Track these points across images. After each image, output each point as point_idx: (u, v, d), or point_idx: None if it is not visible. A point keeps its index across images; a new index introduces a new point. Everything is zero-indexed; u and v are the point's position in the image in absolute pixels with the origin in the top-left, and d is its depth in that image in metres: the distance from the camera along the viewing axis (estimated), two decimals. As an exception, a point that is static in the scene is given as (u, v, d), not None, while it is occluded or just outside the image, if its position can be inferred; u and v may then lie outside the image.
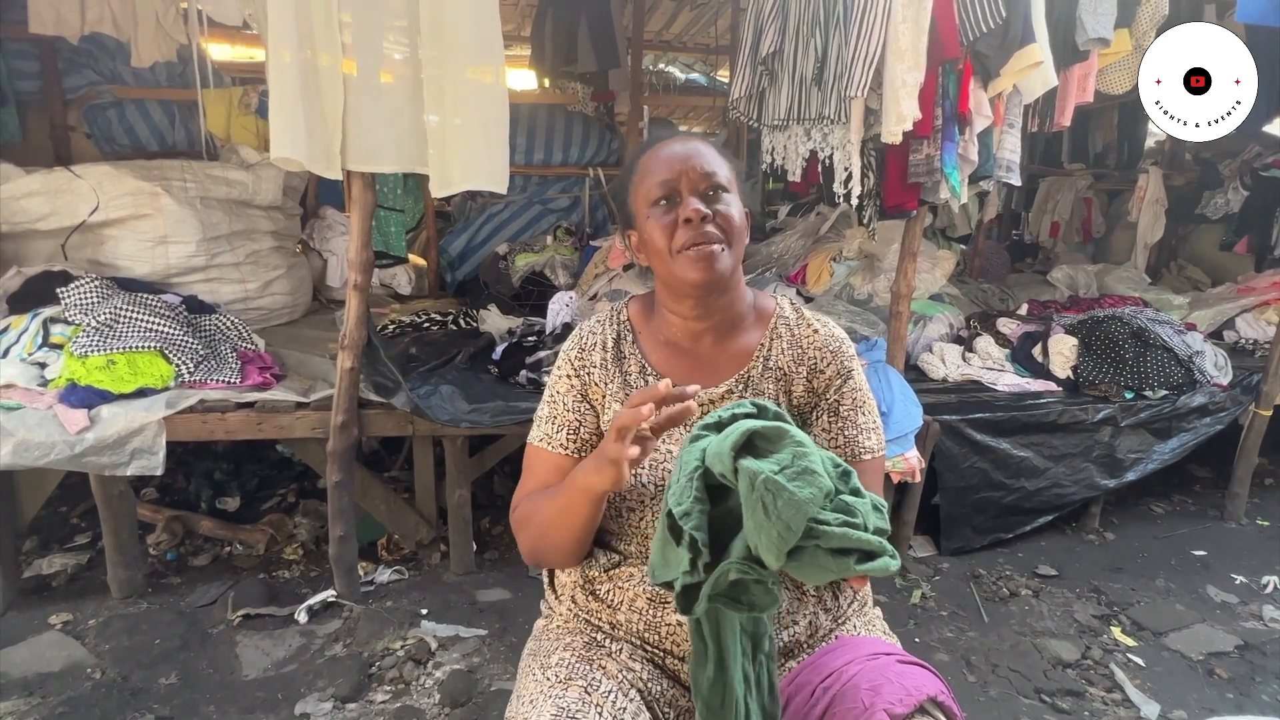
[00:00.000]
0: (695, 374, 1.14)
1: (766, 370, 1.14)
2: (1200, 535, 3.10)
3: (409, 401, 2.31)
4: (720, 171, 1.09)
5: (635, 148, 5.18)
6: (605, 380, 1.16)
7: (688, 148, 1.10)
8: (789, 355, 1.15)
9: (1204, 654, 2.29)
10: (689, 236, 1.05)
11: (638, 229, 1.13)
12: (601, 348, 1.17)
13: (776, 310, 1.19)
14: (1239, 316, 3.93)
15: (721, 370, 1.15)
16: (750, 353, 1.15)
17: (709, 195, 1.07)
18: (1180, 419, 3.04)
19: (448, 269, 4.35)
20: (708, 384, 1.13)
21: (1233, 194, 5.03)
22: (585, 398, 1.16)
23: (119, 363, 2.28)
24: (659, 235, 1.07)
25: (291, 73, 1.93)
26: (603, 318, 1.21)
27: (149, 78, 3.74)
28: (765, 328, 1.17)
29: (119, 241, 2.85)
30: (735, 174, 1.14)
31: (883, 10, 2.07)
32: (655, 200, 1.08)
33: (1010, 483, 2.85)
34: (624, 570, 1.10)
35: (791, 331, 1.17)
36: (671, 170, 1.08)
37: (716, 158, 1.11)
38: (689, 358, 1.16)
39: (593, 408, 1.16)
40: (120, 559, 2.35)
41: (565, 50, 4.01)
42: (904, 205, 2.38)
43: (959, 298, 4.04)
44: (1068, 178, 5.76)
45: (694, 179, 1.07)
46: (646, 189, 1.10)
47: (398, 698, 1.98)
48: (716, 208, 1.07)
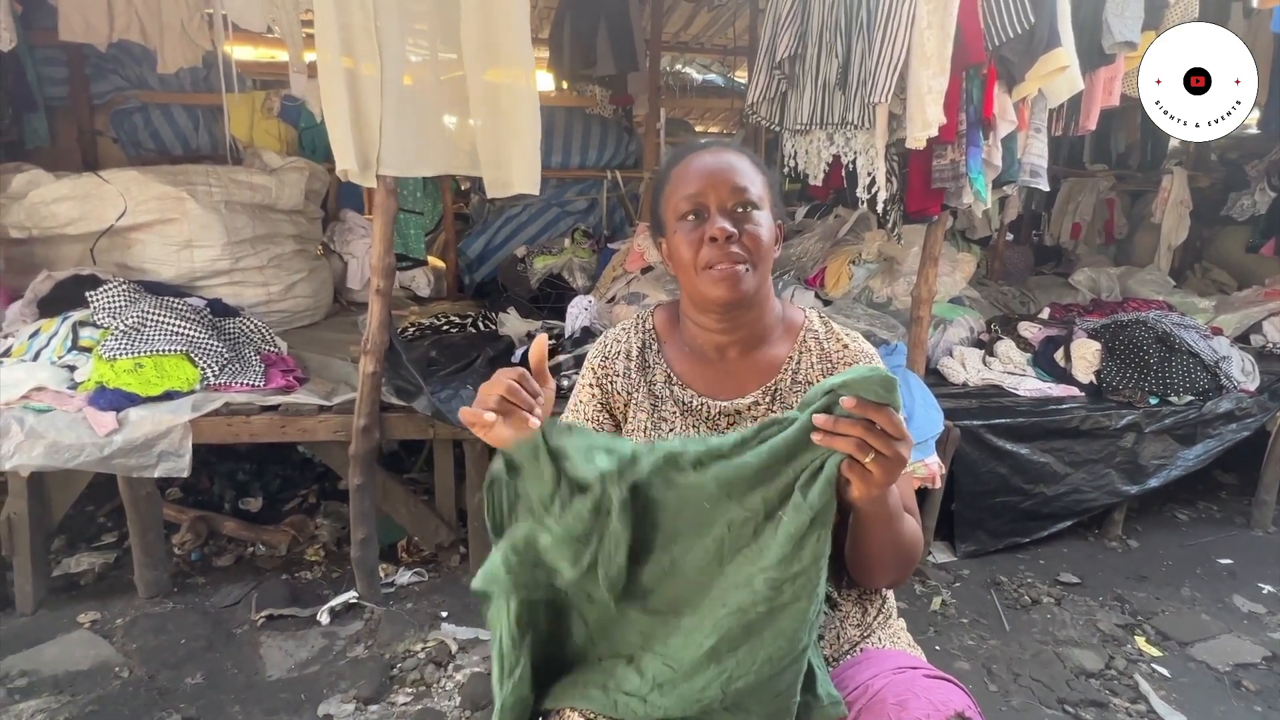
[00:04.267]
0: (721, 385, 1.14)
1: (795, 383, 1.14)
2: (1226, 543, 3.06)
3: (430, 405, 2.33)
4: (752, 188, 1.07)
5: (665, 152, 5.17)
6: (629, 389, 1.15)
7: (720, 161, 1.08)
8: (819, 369, 1.14)
9: (1231, 665, 2.25)
10: (713, 255, 1.04)
11: (667, 238, 1.13)
12: (625, 356, 1.17)
13: (805, 323, 1.18)
14: (1266, 320, 3.85)
15: (747, 382, 1.14)
16: (778, 365, 1.15)
17: (737, 213, 1.06)
18: (1206, 425, 2.99)
19: (466, 271, 4.38)
20: (733, 395, 1.12)
21: (1260, 195, 4.95)
22: (606, 407, 1.16)
23: (146, 366, 2.32)
24: (685, 250, 1.07)
25: (340, 82, 1.97)
26: (628, 325, 1.21)
27: (174, 82, 3.79)
28: (793, 340, 1.16)
29: (146, 245, 2.90)
30: (769, 188, 1.12)
31: (907, 16, 2.05)
32: (683, 214, 1.07)
33: (1029, 488, 2.83)
34: None
35: (821, 345, 1.16)
36: (701, 184, 1.06)
37: (750, 171, 1.08)
38: (714, 368, 1.16)
39: (613, 417, 1.17)
40: (146, 559, 2.39)
41: (584, 53, 4.02)
42: (926, 210, 2.36)
43: (979, 301, 4.01)
44: (1090, 179, 5.69)
45: (723, 195, 1.06)
46: (675, 201, 1.08)
47: (419, 700, 1.99)
48: (744, 226, 1.05)
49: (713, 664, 0.88)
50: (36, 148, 3.55)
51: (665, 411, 1.14)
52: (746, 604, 0.86)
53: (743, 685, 0.88)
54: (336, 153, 2.06)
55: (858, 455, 0.81)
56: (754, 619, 0.86)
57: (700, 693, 0.89)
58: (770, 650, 0.88)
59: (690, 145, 1.15)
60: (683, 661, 0.90)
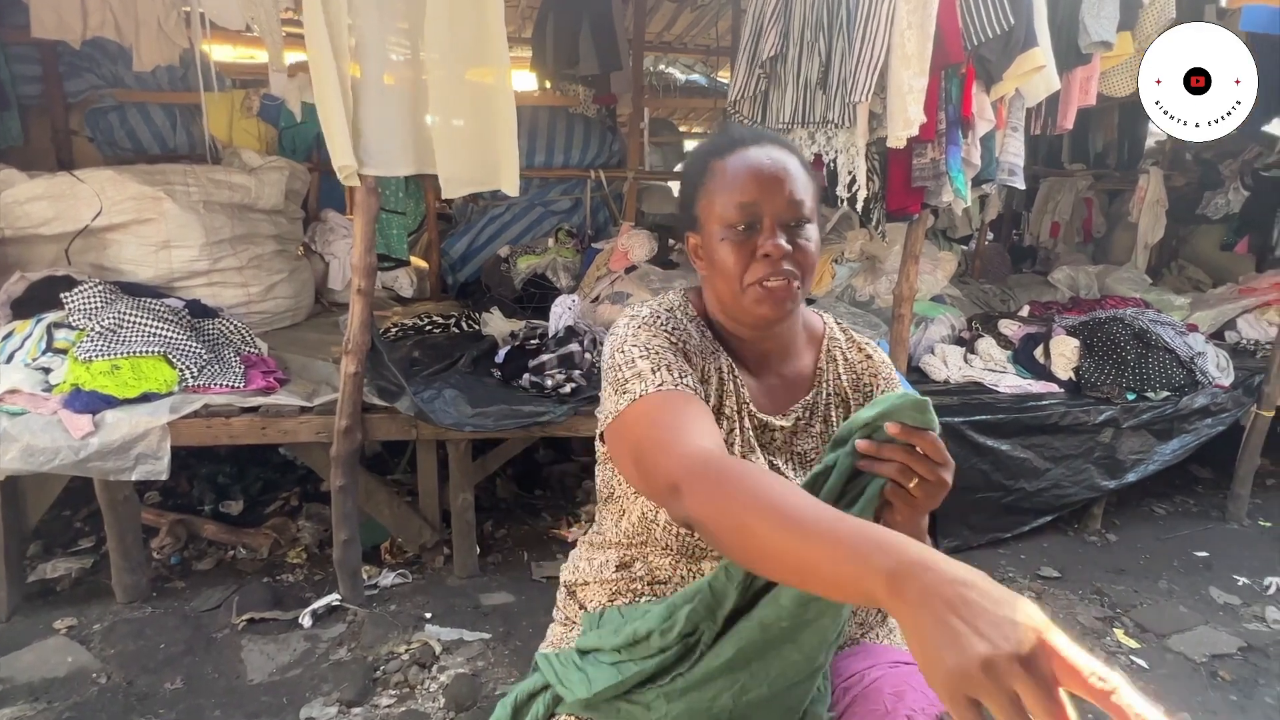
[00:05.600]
0: (763, 398, 1.07)
1: (828, 396, 1.10)
2: (1202, 536, 3.11)
3: (413, 406, 2.31)
4: (807, 200, 0.98)
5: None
6: (704, 362, 1.02)
7: (776, 164, 0.97)
8: (845, 380, 1.11)
9: (1207, 656, 2.29)
10: (765, 272, 0.95)
11: (702, 238, 1.02)
12: (686, 332, 1.03)
13: (826, 330, 1.13)
14: (1240, 317, 3.93)
15: (783, 397, 1.09)
16: (809, 377, 1.10)
17: (791, 226, 0.97)
18: (1182, 420, 3.04)
19: (449, 271, 4.36)
20: (771, 411, 1.07)
21: (1233, 194, 5.04)
22: (687, 358, 1.00)
23: (123, 368, 2.28)
24: (731, 261, 0.97)
25: (332, 82, 1.96)
26: (669, 306, 1.07)
27: (151, 81, 3.74)
28: (818, 348, 1.12)
29: (122, 246, 2.86)
30: (817, 195, 1.04)
31: (886, 16, 2.07)
32: (732, 223, 0.97)
33: (1009, 484, 2.86)
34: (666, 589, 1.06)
35: (845, 355, 1.12)
36: (757, 193, 0.96)
37: (804, 180, 0.99)
38: (752, 378, 1.08)
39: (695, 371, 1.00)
40: (125, 563, 2.35)
41: (567, 53, 4.00)
42: (907, 208, 2.38)
43: (960, 299, 4.04)
44: (1068, 178, 5.76)
45: (779, 207, 0.96)
46: (723, 206, 0.98)
47: (402, 701, 1.98)
48: (798, 241, 0.97)
49: (727, 674, 0.87)
50: (10, 147, 3.49)
51: (728, 407, 1.04)
52: (770, 619, 0.83)
53: (754, 698, 0.88)
54: (332, 151, 2.04)
55: (901, 480, 0.80)
56: (776, 634, 0.85)
57: (711, 702, 0.88)
58: (786, 665, 0.87)
59: (734, 134, 1.03)
60: (696, 671, 0.88)
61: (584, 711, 0.96)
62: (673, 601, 0.90)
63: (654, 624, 0.90)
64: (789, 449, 1.08)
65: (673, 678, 0.89)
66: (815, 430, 1.09)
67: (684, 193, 1.07)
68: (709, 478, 0.76)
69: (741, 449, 1.04)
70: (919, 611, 0.54)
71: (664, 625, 0.89)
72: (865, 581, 0.59)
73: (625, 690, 0.91)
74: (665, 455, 0.83)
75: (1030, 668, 0.49)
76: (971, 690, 0.50)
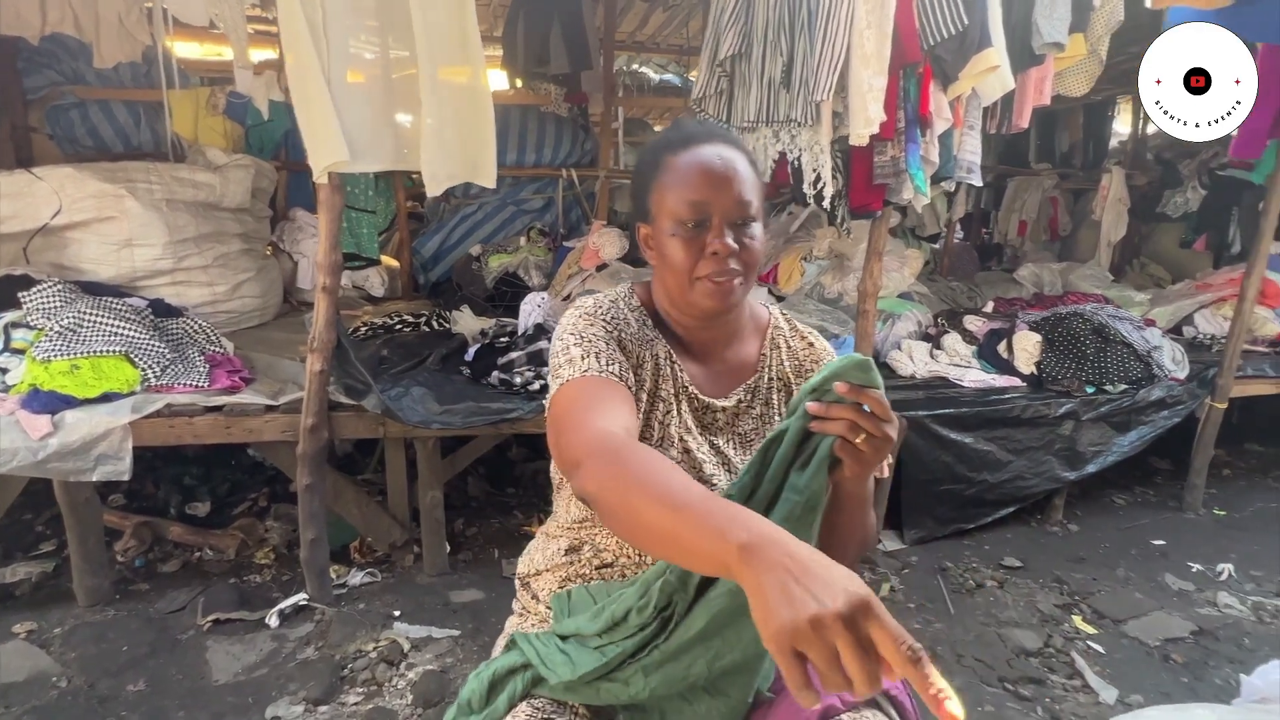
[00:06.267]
0: (707, 382, 1.12)
1: (770, 380, 1.15)
2: (1159, 525, 3.19)
3: (379, 403, 2.31)
4: (754, 200, 1.02)
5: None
6: (640, 349, 1.07)
7: (726, 164, 1.01)
8: (788, 366, 1.16)
9: (1160, 640, 2.36)
10: (712, 269, 1.00)
11: (653, 230, 1.06)
12: (625, 322, 1.08)
13: (771, 320, 1.18)
14: (1197, 313, 4.03)
15: (727, 380, 1.13)
16: (753, 363, 1.15)
17: (738, 225, 1.01)
18: (1139, 412, 3.12)
19: (421, 270, 4.34)
20: (715, 394, 1.11)
21: (1191, 193, 5.17)
22: (623, 349, 1.05)
23: (83, 367, 2.25)
24: (680, 256, 1.01)
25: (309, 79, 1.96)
26: (613, 297, 1.12)
27: (113, 78, 3.68)
28: (762, 337, 1.17)
29: (83, 245, 2.81)
30: (763, 194, 1.08)
31: (845, 16, 2.10)
32: (683, 220, 1.01)
33: (973, 476, 2.92)
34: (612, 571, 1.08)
35: (788, 343, 1.17)
36: (706, 191, 1.00)
37: (752, 179, 1.03)
38: (698, 363, 1.13)
39: (628, 359, 1.05)
40: (86, 566, 2.32)
41: (537, 51, 4.01)
42: (869, 206, 2.42)
43: (928, 296, 4.11)
44: (1035, 177, 5.87)
45: (727, 206, 1.00)
46: (674, 202, 1.01)
47: (370, 699, 1.98)
48: (744, 240, 1.01)
49: (701, 643, 0.89)
50: (-34, 145, 3.42)
51: (664, 391, 1.09)
52: (738, 586, 0.86)
53: (727, 663, 0.90)
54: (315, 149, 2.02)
55: (849, 436, 0.85)
56: (744, 600, 0.87)
57: (686, 670, 0.91)
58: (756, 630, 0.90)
59: (687, 130, 1.07)
60: (671, 643, 0.90)
61: (565, 693, 0.98)
62: (646, 578, 0.92)
63: (631, 602, 0.92)
64: (731, 429, 1.13)
65: (650, 651, 0.91)
66: (756, 412, 1.14)
67: (637, 184, 1.10)
68: (605, 456, 0.82)
69: (679, 430, 1.08)
70: (764, 577, 0.60)
71: (640, 603, 0.91)
72: (721, 553, 0.65)
73: (608, 671, 0.93)
74: (575, 434, 0.90)
75: (852, 627, 0.56)
76: (799, 644, 0.57)
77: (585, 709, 1.01)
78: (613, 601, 0.96)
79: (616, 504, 0.78)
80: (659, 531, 0.72)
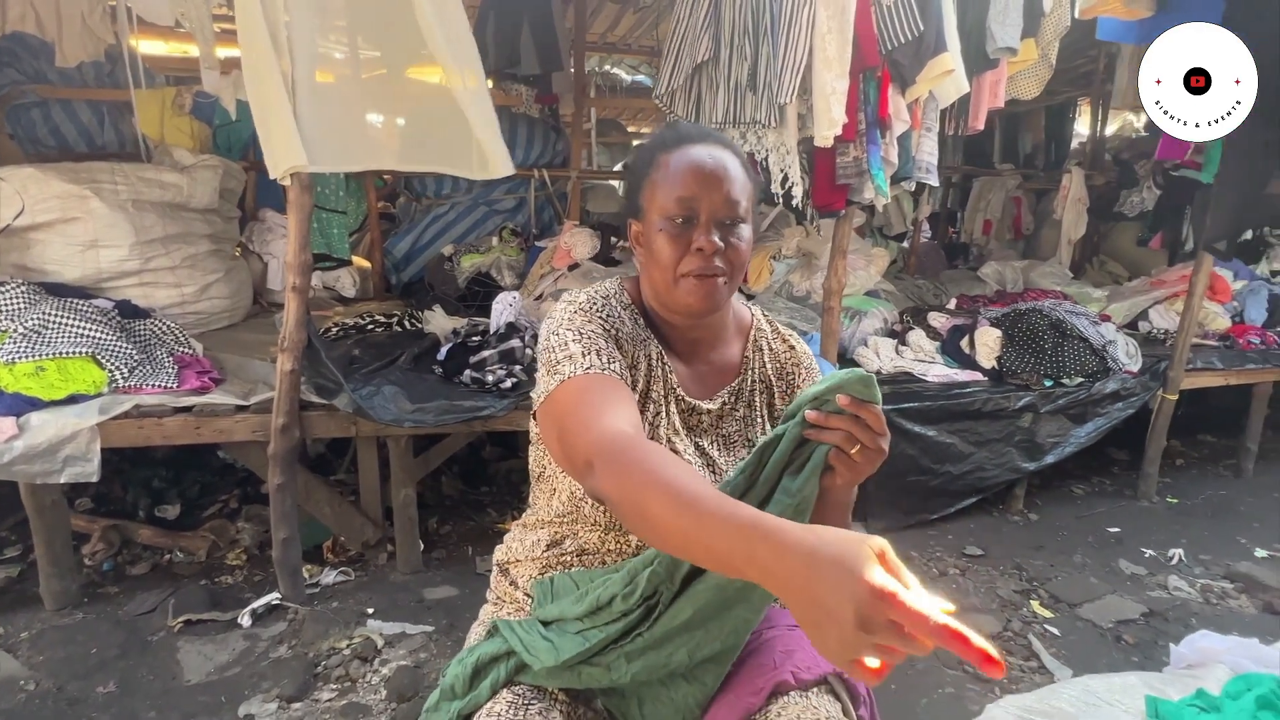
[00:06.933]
0: (692, 383, 1.14)
1: (753, 383, 1.17)
2: (1115, 513, 3.31)
3: (351, 402, 2.32)
4: (743, 200, 1.04)
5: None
6: (634, 349, 1.08)
7: (717, 163, 1.03)
8: (770, 368, 1.18)
9: (1113, 622, 2.45)
10: (697, 266, 1.02)
11: (644, 225, 1.08)
12: (618, 318, 1.09)
13: (754, 322, 1.20)
14: (1152, 308, 4.17)
15: (712, 382, 1.15)
16: (736, 364, 1.17)
17: (726, 224, 1.03)
18: (1095, 404, 3.23)
19: (393, 271, 4.33)
20: (700, 395, 1.13)
21: (1147, 193, 5.33)
22: (619, 347, 1.06)
23: (49, 369, 2.24)
24: (667, 251, 1.03)
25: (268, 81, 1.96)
26: (606, 293, 1.12)
27: (75, 77, 3.63)
28: (745, 339, 1.18)
29: (46, 246, 2.78)
30: (754, 197, 1.09)
31: (807, 21, 2.16)
32: (671, 215, 1.03)
33: (937, 467, 3.00)
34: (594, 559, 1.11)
35: (770, 345, 1.20)
36: (696, 189, 1.02)
37: (742, 181, 1.05)
38: (682, 364, 1.14)
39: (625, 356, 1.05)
40: (53, 570, 2.30)
41: (508, 52, 4.02)
42: (833, 205, 2.49)
43: (895, 294, 4.20)
44: (998, 178, 6.01)
45: (716, 204, 1.02)
46: (664, 198, 1.03)
47: (344, 695, 1.99)
48: (731, 239, 1.03)
49: (684, 633, 0.93)
50: (-76, 145, 3.36)
51: (655, 392, 1.10)
52: (726, 580, 0.88)
53: (707, 653, 0.94)
54: (271, 152, 2.03)
55: (845, 446, 0.88)
56: (731, 594, 0.90)
57: (668, 659, 0.94)
58: (738, 622, 0.94)
59: (682, 131, 1.09)
60: (655, 631, 0.93)
61: (547, 678, 1.00)
62: (633, 566, 0.95)
63: (616, 589, 0.95)
64: (715, 431, 1.15)
65: (633, 638, 0.94)
66: (739, 414, 1.16)
67: (630, 182, 1.13)
68: (619, 457, 0.82)
69: (668, 431, 1.10)
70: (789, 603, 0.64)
71: (626, 590, 0.94)
72: (742, 567, 0.67)
73: (590, 655, 0.96)
74: (585, 433, 0.89)
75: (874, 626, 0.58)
76: (849, 660, 0.61)
77: (564, 694, 1.03)
78: (597, 586, 0.99)
79: (633, 505, 0.79)
80: (680, 535, 0.74)
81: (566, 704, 1.02)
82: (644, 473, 0.79)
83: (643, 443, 0.85)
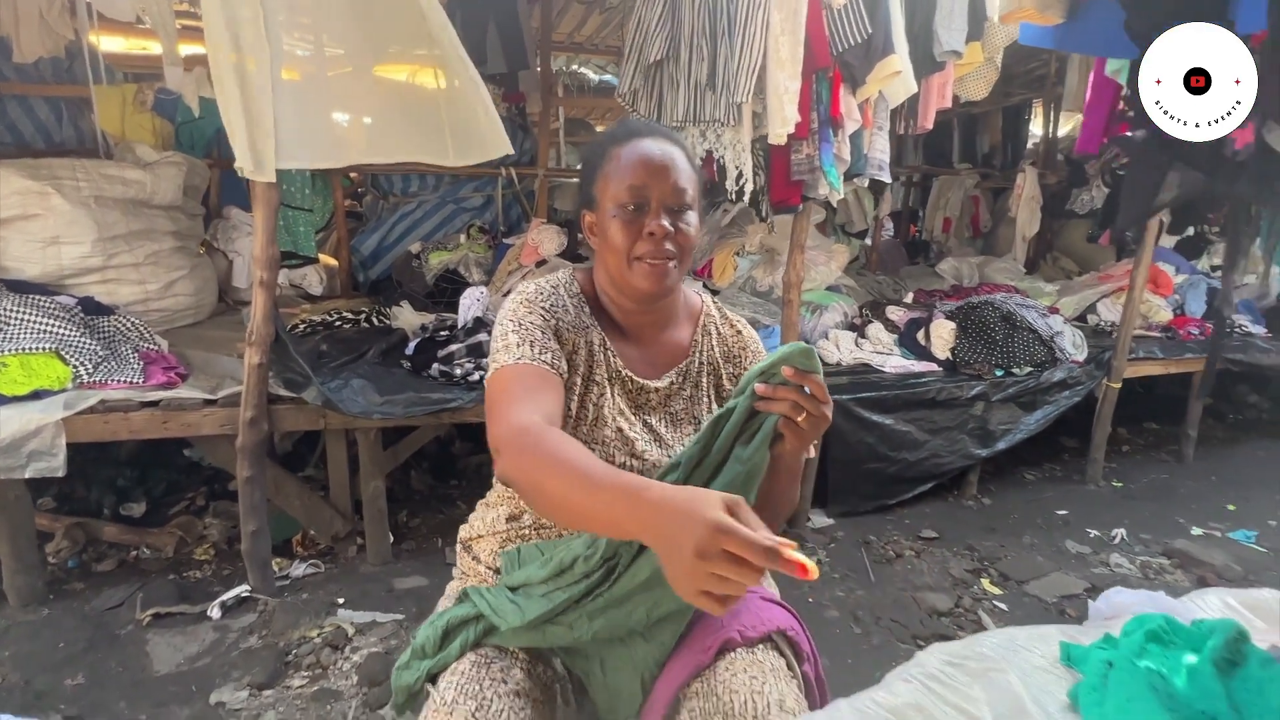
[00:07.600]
0: (639, 363, 1.20)
1: (701, 365, 1.24)
2: (1064, 497, 3.46)
3: (319, 395, 2.35)
4: (690, 189, 1.11)
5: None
6: (575, 336, 1.15)
7: (665, 155, 1.10)
8: (718, 351, 1.26)
9: (1057, 597, 2.58)
10: (648, 250, 1.08)
11: (597, 215, 1.14)
12: (564, 309, 1.16)
13: (704, 308, 1.27)
14: (1099, 301, 4.35)
15: (660, 363, 1.22)
16: (685, 347, 1.23)
17: (675, 211, 1.10)
18: (1043, 393, 3.37)
19: (360, 269, 4.34)
20: (649, 375, 1.20)
21: (1096, 191, 5.53)
22: (558, 337, 1.13)
23: (11, 365, 2.23)
24: (620, 237, 1.09)
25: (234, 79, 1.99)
26: (555, 283, 1.19)
27: (32, 73, 3.59)
28: (695, 324, 1.25)
29: (6, 242, 2.76)
30: (699, 187, 1.17)
31: (762, 23, 2.25)
32: (624, 203, 1.09)
33: (894, 455, 3.11)
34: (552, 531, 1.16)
35: (718, 329, 1.27)
36: (645, 177, 1.09)
37: (688, 170, 1.12)
38: (634, 346, 1.20)
39: (563, 348, 1.13)
40: (17, 566, 2.30)
41: (474, 51, 4.05)
42: (789, 201, 2.58)
43: (855, 289, 4.32)
44: (957, 177, 6.19)
45: (664, 192, 1.09)
46: (617, 187, 1.10)
47: (315, 681, 2.03)
48: (679, 225, 1.10)
49: (644, 591, 0.98)
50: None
51: (598, 375, 1.16)
52: None
53: (664, 611, 1.00)
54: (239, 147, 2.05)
55: (792, 415, 0.95)
56: None
57: (627, 617, 1.00)
58: None
59: (632, 126, 1.16)
60: (615, 590, 0.99)
61: (513, 639, 1.06)
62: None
63: (579, 551, 1.01)
64: (664, 409, 1.22)
65: (595, 597, 1.00)
66: (687, 394, 1.24)
67: (584, 175, 1.19)
68: (519, 443, 0.93)
69: (613, 412, 1.17)
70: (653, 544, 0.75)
71: (587, 552, 1.00)
72: (629, 527, 0.79)
73: (555, 615, 1.02)
74: (499, 421, 0.99)
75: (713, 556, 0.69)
76: (698, 589, 0.71)
77: (525, 653, 1.09)
78: (560, 549, 1.05)
79: (531, 487, 0.90)
80: (576, 507, 0.85)
81: (527, 662, 1.09)
82: (541, 456, 0.89)
83: (544, 429, 0.94)
